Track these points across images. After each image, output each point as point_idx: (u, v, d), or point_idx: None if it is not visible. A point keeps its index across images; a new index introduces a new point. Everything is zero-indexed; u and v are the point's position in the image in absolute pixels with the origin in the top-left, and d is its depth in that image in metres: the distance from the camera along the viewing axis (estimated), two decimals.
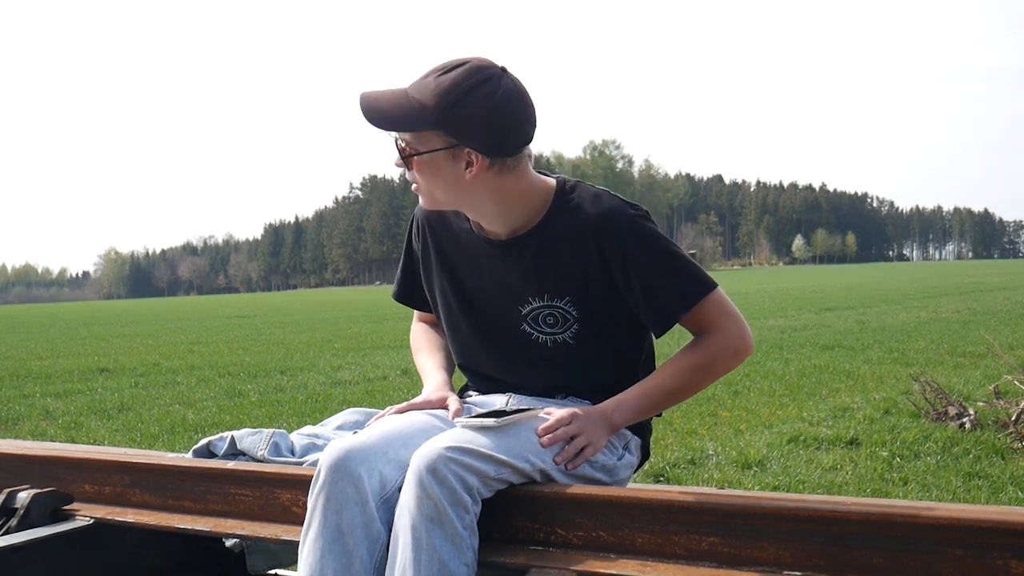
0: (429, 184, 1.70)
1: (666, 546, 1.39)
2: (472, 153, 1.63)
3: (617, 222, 1.68)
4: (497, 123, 1.63)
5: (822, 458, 4.91)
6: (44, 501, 1.89)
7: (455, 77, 1.60)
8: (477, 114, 1.60)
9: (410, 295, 1.99)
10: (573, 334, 1.75)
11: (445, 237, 1.86)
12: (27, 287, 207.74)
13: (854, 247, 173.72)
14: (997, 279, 35.53)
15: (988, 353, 8.72)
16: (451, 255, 1.85)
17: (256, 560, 1.94)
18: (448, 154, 1.64)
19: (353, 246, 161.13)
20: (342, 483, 1.51)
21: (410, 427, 1.66)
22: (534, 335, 1.78)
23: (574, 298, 1.73)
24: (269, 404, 7.89)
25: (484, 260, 1.80)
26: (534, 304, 1.76)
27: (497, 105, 1.61)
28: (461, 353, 1.91)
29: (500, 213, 1.73)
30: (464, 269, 1.83)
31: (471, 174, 1.65)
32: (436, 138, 1.64)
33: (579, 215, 1.71)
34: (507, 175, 1.68)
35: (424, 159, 1.66)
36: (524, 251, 1.75)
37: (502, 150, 1.65)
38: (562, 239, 1.72)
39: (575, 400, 1.80)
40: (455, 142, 1.63)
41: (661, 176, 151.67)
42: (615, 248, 1.68)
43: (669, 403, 1.77)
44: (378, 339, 15.39)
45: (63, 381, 10.42)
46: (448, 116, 1.60)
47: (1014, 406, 5.30)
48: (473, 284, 1.83)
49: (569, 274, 1.72)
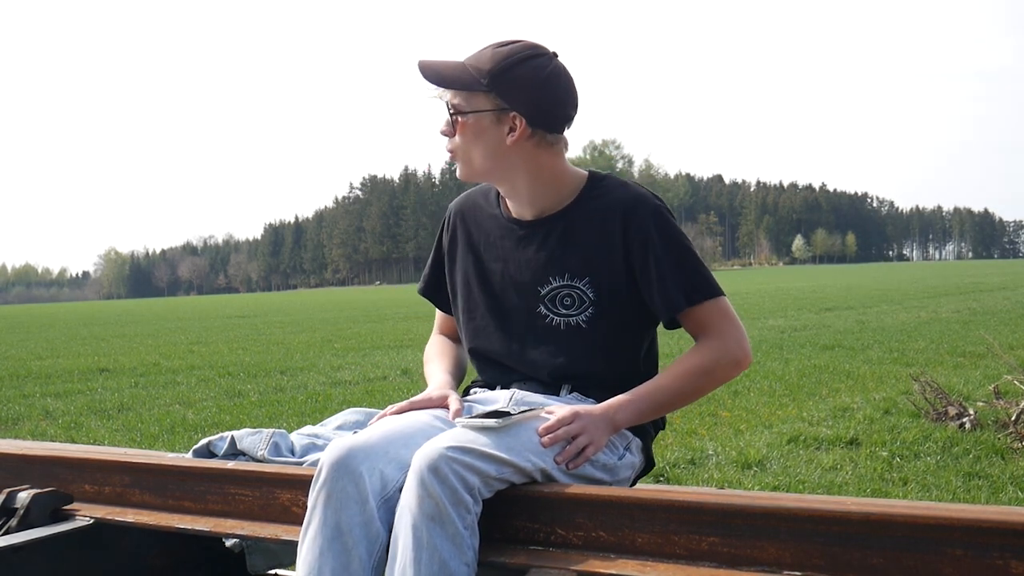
0: (470, 148, 1.78)
1: (666, 546, 1.39)
2: (516, 117, 1.73)
3: (644, 209, 1.76)
4: (543, 95, 1.74)
5: (822, 458, 4.91)
6: (44, 501, 1.88)
7: (511, 48, 1.74)
8: (526, 82, 1.72)
9: (435, 292, 2.04)
10: (587, 317, 1.79)
11: (474, 225, 1.93)
12: (27, 287, 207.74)
13: (854, 247, 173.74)
14: (997, 279, 35.53)
15: (988, 353, 8.72)
16: (478, 241, 1.91)
17: (256, 560, 1.94)
18: (494, 116, 1.74)
19: (353, 246, 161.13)
20: (343, 481, 1.51)
21: (412, 427, 1.66)
22: (548, 317, 1.81)
23: (593, 280, 1.78)
24: (269, 404, 7.89)
25: (510, 242, 1.86)
26: (554, 284, 1.81)
27: (546, 78, 1.74)
28: (474, 336, 1.92)
29: (532, 189, 1.80)
30: (489, 254, 1.89)
31: (512, 139, 1.74)
32: (486, 100, 1.74)
33: (607, 200, 1.79)
34: (544, 151, 1.77)
35: (471, 119, 1.75)
36: (551, 231, 1.81)
37: (544, 122, 1.75)
38: (590, 222, 1.79)
39: (578, 397, 1.81)
40: (503, 105, 1.73)
41: (661, 176, 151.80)
42: (639, 233, 1.75)
43: (670, 407, 1.80)
44: (378, 339, 15.39)
45: (63, 381, 10.42)
46: (499, 79, 1.72)
47: (1014, 406, 5.30)
48: (496, 267, 1.88)
49: (592, 256, 1.78)
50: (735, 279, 57.46)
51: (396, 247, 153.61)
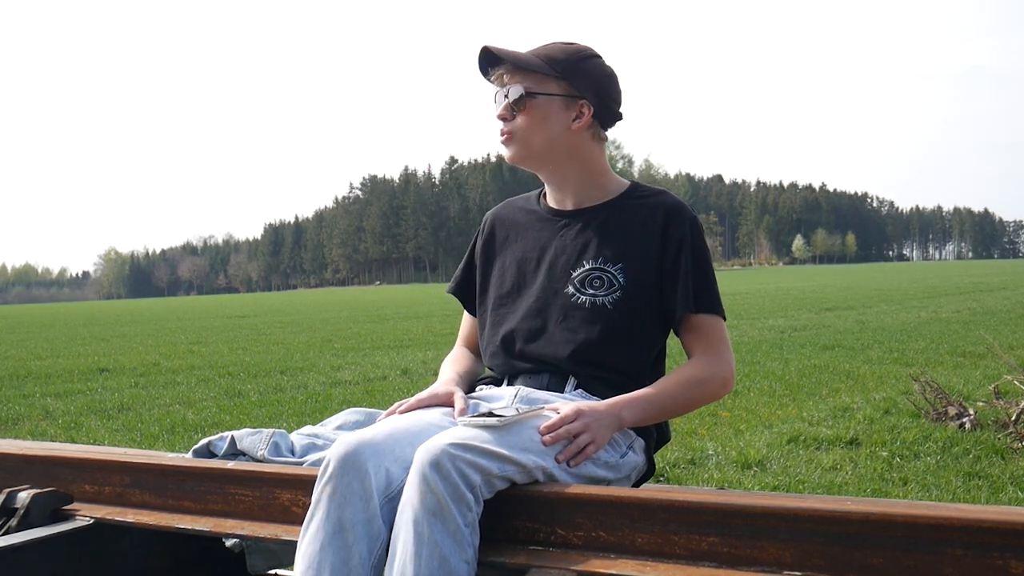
0: (532, 130, 1.86)
1: (666, 546, 1.39)
2: (586, 105, 1.86)
3: (686, 214, 1.88)
4: (609, 90, 1.90)
5: (822, 458, 4.91)
6: (44, 501, 1.88)
7: (579, 46, 1.89)
8: (597, 75, 1.88)
9: (462, 291, 2.11)
10: (613, 300, 1.84)
11: (511, 223, 2.02)
12: (27, 287, 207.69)
13: (854, 247, 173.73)
14: (997, 279, 35.52)
15: (988, 353, 8.72)
16: (516, 236, 2.00)
17: (256, 560, 1.94)
18: (564, 102, 1.85)
19: (353, 246, 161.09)
20: (348, 477, 1.51)
21: (418, 426, 1.66)
22: (575, 296, 1.87)
23: (627, 265, 1.85)
24: (269, 404, 7.89)
25: (548, 231, 1.95)
26: (587, 267, 1.87)
27: (610, 76, 1.91)
28: (501, 321, 1.95)
29: (580, 179, 1.92)
30: (528, 243, 1.97)
31: (577, 125, 1.86)
32: (558, 85, 1.85)
33: (651, 200, 1.91)
34: (597, 144, 1.92)
35: (540, 102, 1.85)
36: (591, 220, 1.91)
37: (604, 115, 1.90)
38: (631, 216, 1.89)
39: (583, 394, 1.82)
40: (574, 92, 1.85)
41: (661, 176, 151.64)
42: (677, 233, 1.85)
43: (670, 413, 1.84)
44: (378, 339, 15.39)
45: (63, 381, 10.42)
46: (576, 69, 1.85)
47: (1014, 406, 5.30)
48: (533, 256, 1.95)
49: (629, 244, 1.87)
50: (735, 279, 57.45)
51: (396, 247, 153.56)
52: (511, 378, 1.92)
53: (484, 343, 2.01)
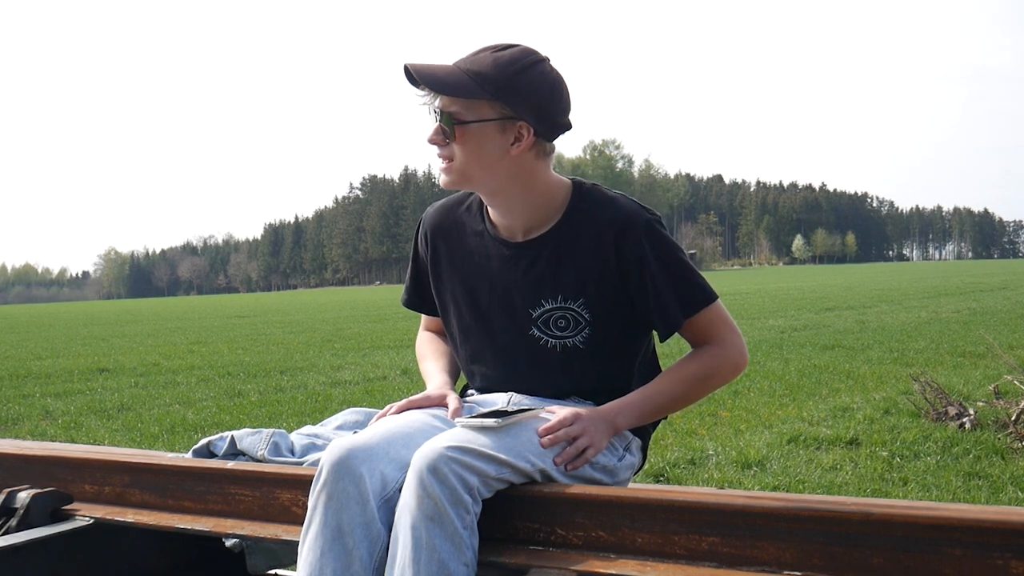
0: (468, 158, 1.68)
1: (666, 546, 1.39)
2: (524, 127, 1.66)
3: (636, 227, 1.70)
4: (550, 103, 1.68)
5: (822, 458, 4.91)
6: (44, 501, 1.89)
7: (513, 54, 1.66)
8: (535, 90, 1.65)
9: (419, 302, 1.99)
10: (584, 338, 1.75)
11: (456, 241, 1.85)
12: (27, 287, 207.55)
13: (854, 247, 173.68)
14: (997, 279, 35.51)
15: (988, 353, 8.72)
16: (461, 260, 1.84)
17: (256, 560, 1.94)
18: (499, 126, 1.66)
19: (353, 246, 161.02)
20: (343, 482, 1.50)
21: (411, 427, 1.65)
22: (543, 339, 1.77)
23: (588, 300, 1.73)
24: (269, 404, 7.89)
25: (497, 263, 1.80)
26: (546, 306, 1.76)
27: (552, 85, 1.68)
28: (471, 360, 1.89)
29: (525, 203, 1.74)
30: (474, 274, 1.83)
31: (517, 149, 1.67)
32: (490, 108, 1.65)
33: (598, 218, 1.73)
34: (541, 161, 1.72)
35: (472, 129, 1.66)
36: (541, 252, 1.76)
37: (549, 131, 1.70)
38: (580, 241, 1.73)
39: (579, 401, 1.80)
40: (510, 114, 1.65)
41: (661, 176, 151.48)
42: (633, 252, 1.70)
43: (669, 410, 1.80)
44: (378, 339, 15.39)
45: (63, 381, 10.43)
46: (508, 87, 1.63)
47: (1014, 406, 5.31)
48: (483, 287, 1.82)
49: (585, 276, 1.73)
50: (735, 279, 57.45)
51: (396, 247, 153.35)
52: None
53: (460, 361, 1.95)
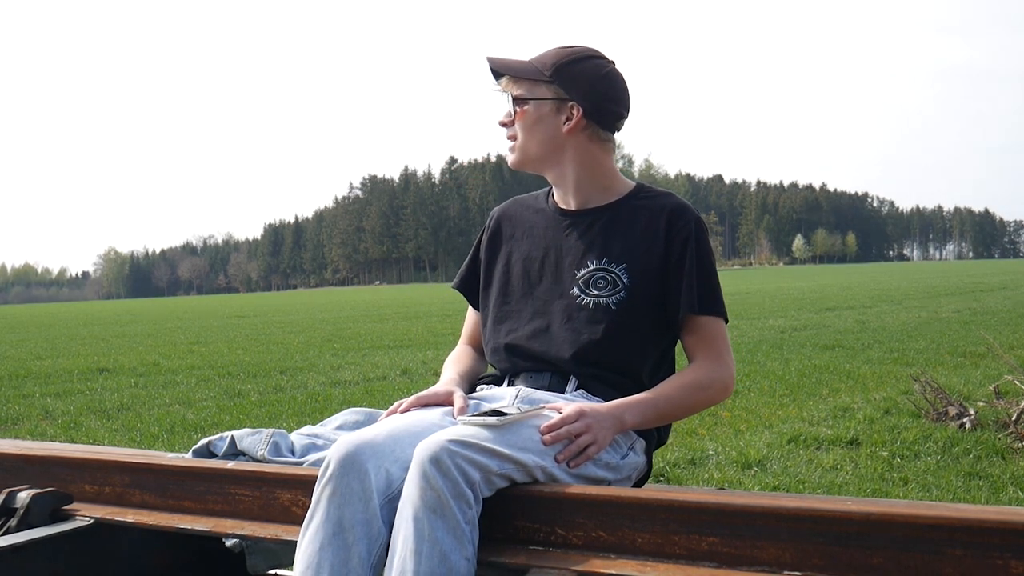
0: (528, 136, 1.90)
1: (666, 546, 1.39)
2: (574, 107, 1.86)
3: (690, 214, 1.89)
4: (600, 90, 1.88)
5: (822, 458, 4.91)
6: (44, 501, 1.89)
7: (575, 48, 1.90)
8: (586, 76, 1.87)
9: (467, 287, 2.11)
10: (617, 300, 1.85)
11: (519, 221, 2.03)
12: (27, 287, 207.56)
13: (854, 247, 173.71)
14: (997, 279, 35.52)
15: (988, 353, 8.72)
16: (523, 234, 2.01)
17: (256, 560, 1.94)
18: (554, 106, 1.87)
19: (353, 246, 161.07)
20: (348, 477, 1.51)
21: (418, 426, 1.66)
22: (579, 297, 1.88)
23: (630, 267, 1.86)
24: (269, 404, 7.89)
25: (553, 230, 1.96)
26: (591, 267, 1.89)
27: (604, 76, 1.88)
28: (505, 318, 1.97)
29: (580, 179, 1.92)
30: (533, 243, 1.98)
31: (568, 127, 1.87)
32: (547, 90, 1.87)
33: (656, 201, 1.91)
34: (596, 145, 1.90)
35: (531, 107, 1.88)
36: (596, 220, 1.92)
37: (598, 116, 1.88)
38: (635, 216, 1.90)
39: (584, 395, 1.82)
40: (562, 95, 1.86)
41: (661, 176, 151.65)
42: (681, 234, 1.86)
43: (670, 417, 1.84)
44: (378, 339, 15.39)
45: (63, 381, 10.42)
46: (561, 72, 1.86)
47: (1014, 406, 5.30)
48: (538, 255, 1.96)
49: (633, 245, 1.87)
50: (735, 279, 57.45)
51: (396, 247, 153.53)
52: (512, 377, 1.92)
53: (486, 339, 2.01)
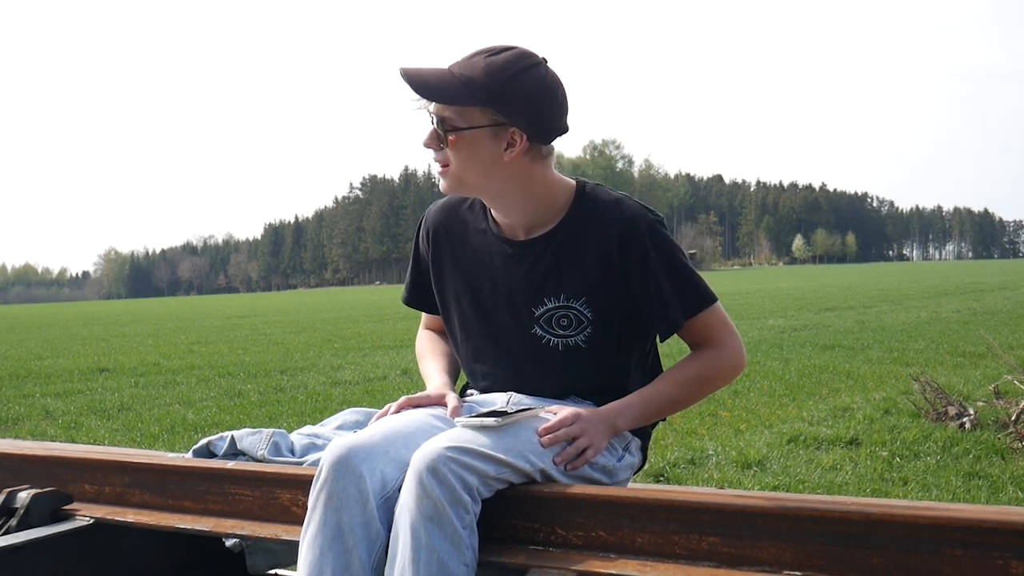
0: (462, 164, 1.69)
1: (666, 546, 1.39)
2: (516, 133, 1.66)
3: (639, 228, 1.71)
4: (544, 107, 1.67)
5: (822, 458, 4.91)
6: (44, 501, 1.88)
7: (506, 58, 1.65)
8: (527, 95, 1.65)
9: (420, 299, 2.00)
10: (586, 337, 1.76)
11: (459, 239, 1.86)
12: (27, 287, 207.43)
13: (854, 247, 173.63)
14: (997, 279, 35.51)
15: (988, 353, 8.71)
16: (464, 259, 1.85)
17: (256, 560, 1.94)
18: (491, 132, 1.66)
19: (353, 246, 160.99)
20: (343, 481, 1.50)
21: (411, 426, 1.65)
22: (545, 338, 1.77)
23: (590, 299, 1.74)
24: (269, 404, 7.89)
25: (500, 261, 1.80)
26: (549, 305, 1.76)
27: (546, 89, 1.67)
28: (473, 359, 1.89)
29: (525, 205, 1.75)
30: (477, 273, 1.83)
31: (511, 155, 1.67)
32: (482, 115, 1.65)
33: (602, 218, 1.74)
34: (538, 164, 1.71)
35: (465, 136, 1.66)
36: (544, 251, 1.76)
37: (543, 135, 1.69)
38: (584, 240, 1.74)
39: (576, 400, 1.80)
40: (501, 120, 1.65)
41: (661, 176, 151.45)
42: (636, 253, 1.71)
43: (669, 411, 1.82)
44: (378, 339, 15.39)
45: (63, 381, 10.42)
46: (499, 93, 1.63)
47: (1014, 406, 5.30)
48: (486, 286, 1.82)
49: (588, 274, 1.74)
50: (735, 279, 57.44)
51: (396, 247, 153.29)
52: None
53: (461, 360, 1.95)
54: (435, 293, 1.93)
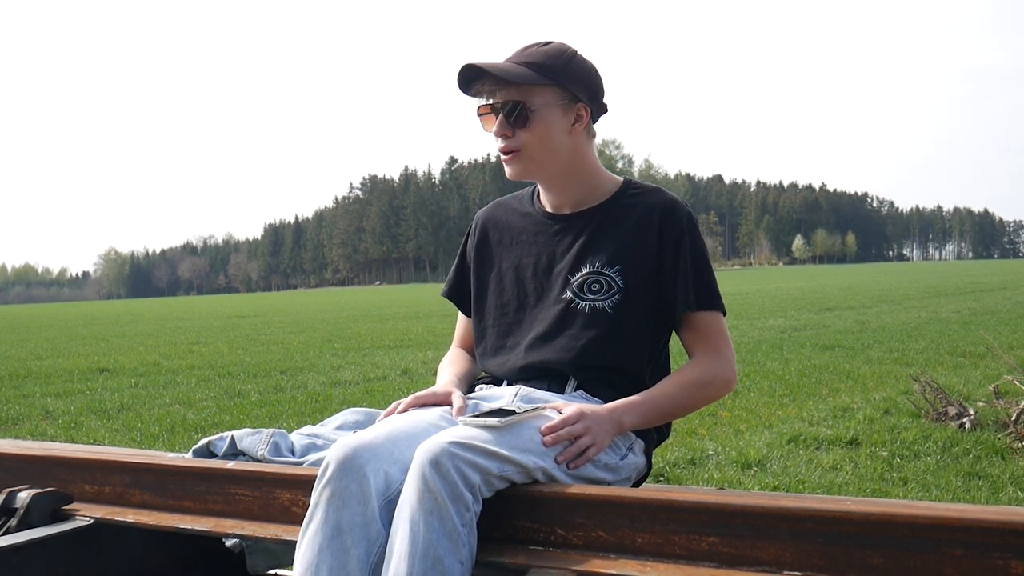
0: (536, 142, 1.83)
1: (666, 546, 1.39)
2: (582, 108, 1.85)
3: (682, 212, 1.87)
4: (597, 84, 1.88)
5: (822, 458, 4.91)
6: (44, 501, 1.88)
7: (557, 46, 1.85)
8: (585, 74, 1.86)
9: (457, 295, 2.10)
10: (613, 304, 1.84)
11: (505, 227, 2.01)
12: (27, 287, 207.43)
13: (854, 247, 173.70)
14: (997, 279, 35.51)
15: (988, 353, 8.71)
16: (511, 240, 1.99)
17: (256, 560, 1.94)
18: (562, 108, 1.83)
19: (353, 246, 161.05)
20: (347, 479, 1.51)
21: (417, 427, 1.66)
22: (575, 302, 1.86)
23: (624, 268, 1.85)
24: (269, 404, 7.89)
25: (544, 236, 1.94)
26: (585, 271, 1.87)
27: (593, 69, 1.89)
28: (506, 332, 1.95)
29: (578, 183, 1.91)
30: (523, 249, 1.96)
31: (577, 129, 1.85)
32: (552, 93, 1.82)
33: (647, 199, 1.89)
34: (589, 144, 1.91)
35: (542, 113, 1.82)
36: (588, 223, 1.90)
37: (599, 109, 1.90)
38: (627, 217, 1.88)
39: (584, 395, 1.82)
40: (571, 96, 1.83)
41: (661, 176, 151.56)
42: (675, 232, 1.85)
43: (670, 415, 1.84)
44: (378, 339, 15.38)
45: (63, 381, 10.42)
46: (565, 71, 1.82)
47: (1014, 406, 5.30)
48: (529, 262, 1.94)
49: (626, 246, 1.86)
50: (735, 279, 57.43)
51: (396, 247, 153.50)
52: (511, 380, 1.92)
53: (482, 349, 2.00)
54: (471, 284, 2.03)
